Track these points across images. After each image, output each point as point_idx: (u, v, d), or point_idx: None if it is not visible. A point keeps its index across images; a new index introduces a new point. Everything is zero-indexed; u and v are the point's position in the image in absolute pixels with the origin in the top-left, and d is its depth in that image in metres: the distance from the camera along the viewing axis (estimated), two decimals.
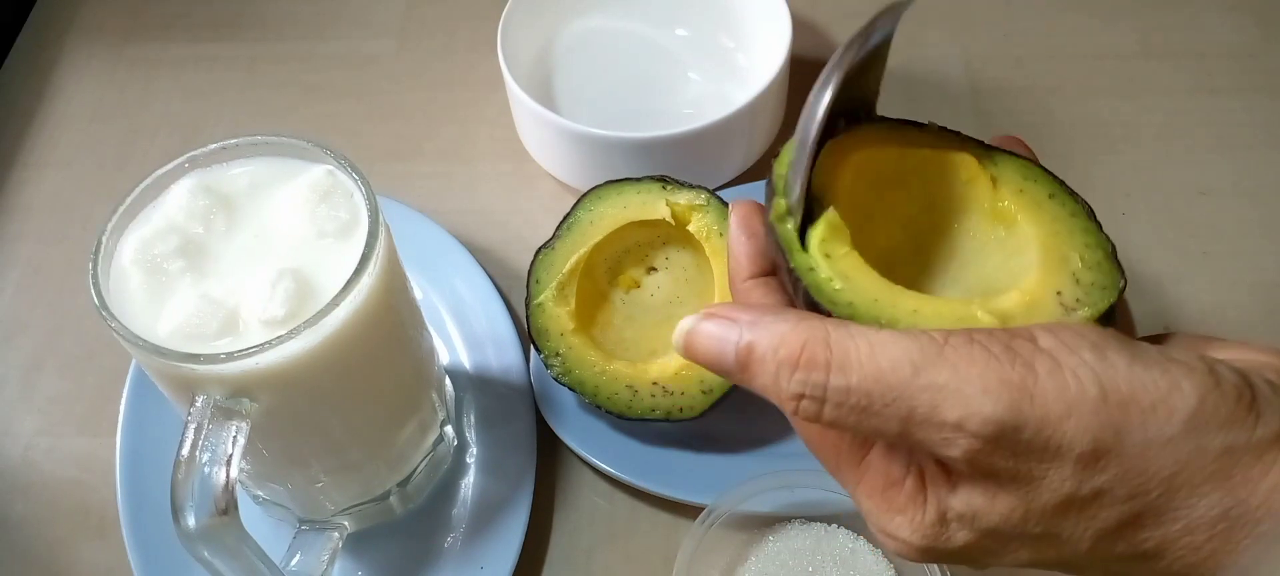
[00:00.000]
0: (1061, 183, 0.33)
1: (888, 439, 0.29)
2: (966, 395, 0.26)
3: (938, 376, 0.26)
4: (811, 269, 0.31)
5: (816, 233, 0.31)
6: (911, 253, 0.35)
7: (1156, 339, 0.31)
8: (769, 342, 0.28)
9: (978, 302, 0.30)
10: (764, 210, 0.33)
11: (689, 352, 0.30)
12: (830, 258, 0.31)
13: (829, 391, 0.27)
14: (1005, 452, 0.26)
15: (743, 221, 0.34)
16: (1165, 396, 0.25)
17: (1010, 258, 0.33)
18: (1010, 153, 0.34)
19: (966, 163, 0.34)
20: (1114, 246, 0.31)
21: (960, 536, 0.28)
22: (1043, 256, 0.31)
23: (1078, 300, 0.30)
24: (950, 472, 0.28)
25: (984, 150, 0.34)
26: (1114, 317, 0.30)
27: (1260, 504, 0.25)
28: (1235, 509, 0.25)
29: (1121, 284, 0.30)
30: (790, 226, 0.32)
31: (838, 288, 0.30)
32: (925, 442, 0.27)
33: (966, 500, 0.28)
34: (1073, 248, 0.31)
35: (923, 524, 0.29)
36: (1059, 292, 0.30)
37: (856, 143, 0.35)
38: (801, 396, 0.28)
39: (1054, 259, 0.31)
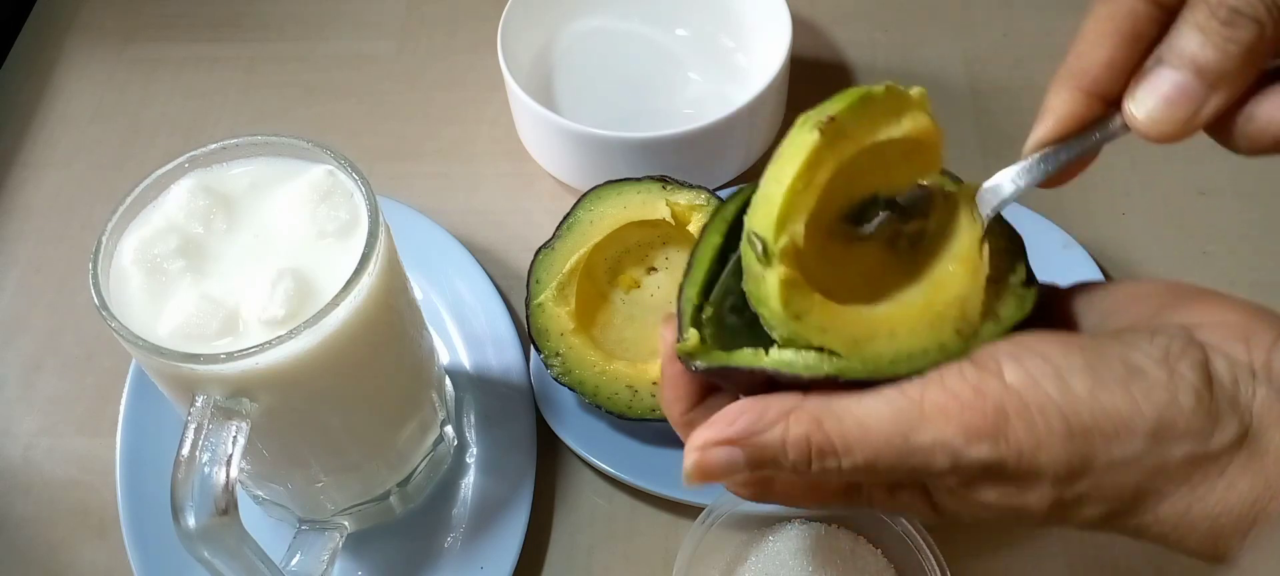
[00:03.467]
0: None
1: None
2: (952, 448, 0.29)
3: (923, 437, 0.29)
4: (788, 363, 0.31)
5: (775, 300, 0.30)
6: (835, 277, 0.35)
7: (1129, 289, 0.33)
8: (773, 447, 0.30)
9: (938, 307, 0.32)
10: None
11: (707, 479, 0.32)
12: (801, 319, 0.30)
13: (843, 470, 0.30)
14: (990, 482, 0.29)
15: (667, 358, 0.34)
16: (1127, 420, 0.28)
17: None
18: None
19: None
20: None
21: (991, 509, 0.31)
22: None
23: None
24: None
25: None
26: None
27: (1217, 501, 0.28)
28: (1196, 506, 0.28)
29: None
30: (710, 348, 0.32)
31: (813, 361, 0.30)
32: (924, 481, 0.31)
33: (973, 502, 0.31)
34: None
35: (933, 510, 0.33)
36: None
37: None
38: (822, 475, 0.31)
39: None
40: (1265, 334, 0.29)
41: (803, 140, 0.30)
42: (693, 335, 0.32)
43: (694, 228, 0.51)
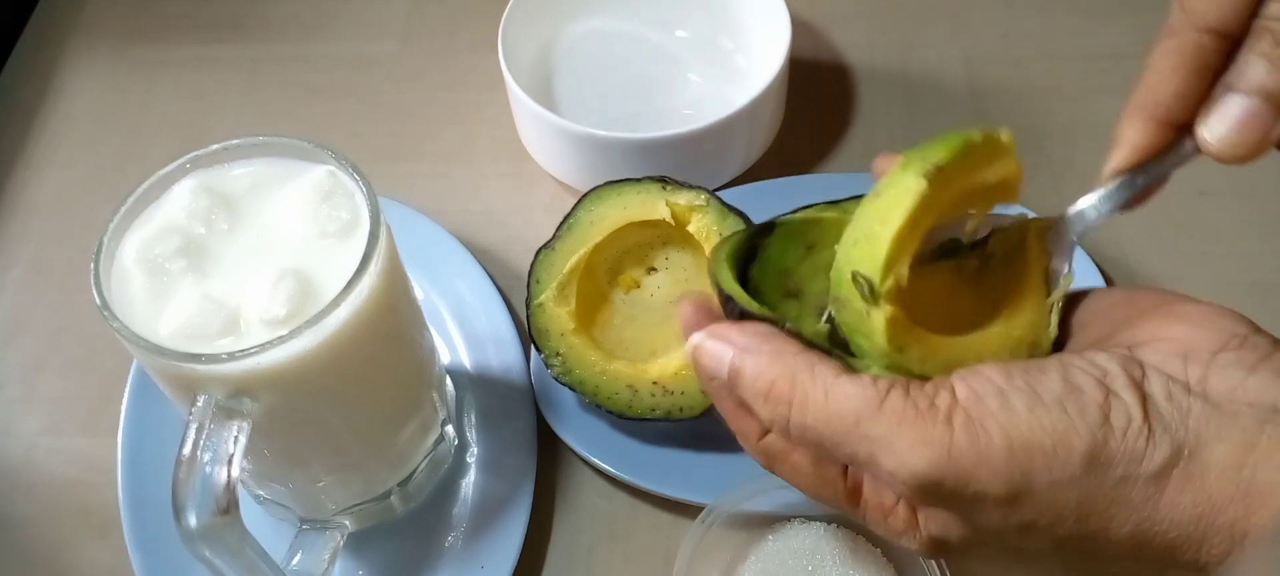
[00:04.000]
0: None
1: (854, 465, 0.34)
2: (896, 449, 0.29)
3: (873, 429, 0.30)
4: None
5: (881, 337, 0.32)
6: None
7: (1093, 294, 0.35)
8: (751, 371, 0.32)
9: (1016, 334, 0.34)
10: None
11: (695, 363, 0.34)
12: (903, 352, 0.32)
13: (790, 425, 0.31)
14: (934, 497, 0.30)
15: (697, 320, 0.35)
16: (1063, 438, 0.29)
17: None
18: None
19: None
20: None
21: (955, 538, 0.32)
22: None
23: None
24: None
25: None
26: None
27: (1163, 519, 0.29)
28: (1145, 526, 0.29)
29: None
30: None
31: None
32: (875, 478, 0.32)
33: (935, 520, 0.32)
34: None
35: (924, 539, 0.33)
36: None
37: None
38: (771, 421, 0.32)
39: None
40: (1206, 346, 0.30)
41: (909, 186, 0.32)
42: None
43: (694, 228, 0.51)
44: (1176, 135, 0.33)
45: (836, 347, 0.33)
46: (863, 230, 0.32)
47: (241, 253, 0.41)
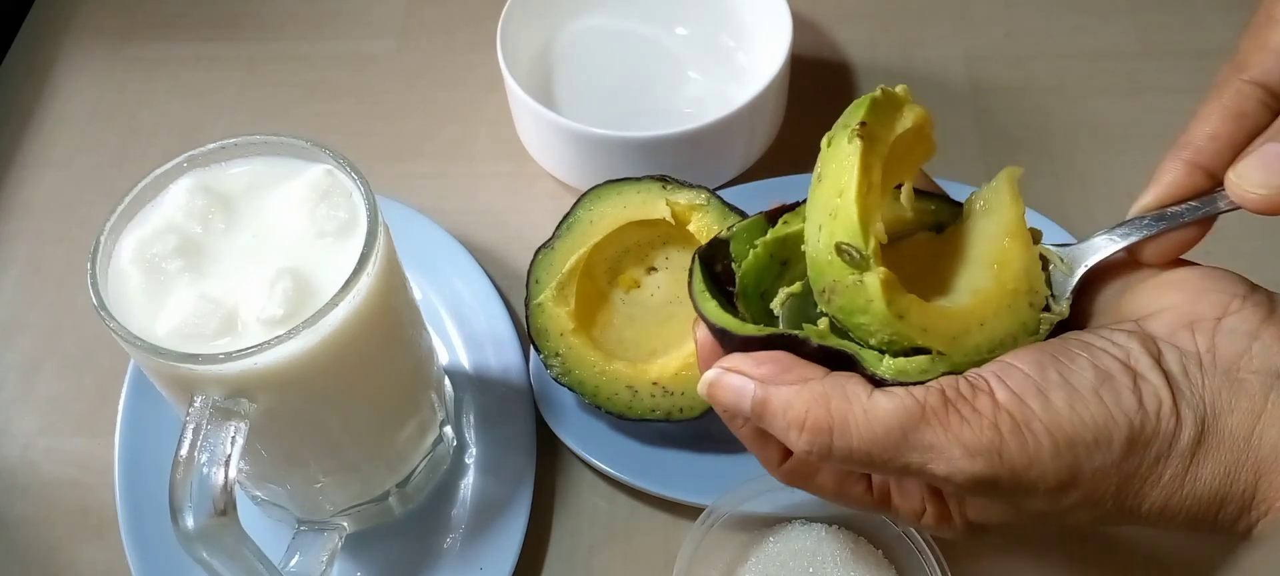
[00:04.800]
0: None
1: (891, 477, 0.35)
2: (949, 456, 0.30)
3: (923, 438, 0.30)
4: (903, 370, 0.32)
5: (880, 301, 0.31)
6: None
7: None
8: (779, 404, 0.32)
9: (1010, 285, 0.34)
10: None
11: (711, 400, 0.34)
12: (903, 318, 0.32)
13: (833, 451, 0.31)
14: (987, 492, 0.31)
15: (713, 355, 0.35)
16: (1104, 429, 0.30)
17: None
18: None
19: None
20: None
21: (996, 521, 0.34)
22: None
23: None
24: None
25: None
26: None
27: (1189, 493, 0.31)
28: (1174, 498, 0.31)
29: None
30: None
31: (926, 365, 0.32)
32: (924, 482, 0.33)
33: (976, 507, 0.34)
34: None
35: (959, 528, 0.35)
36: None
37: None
38: (810, 451, 0.32)
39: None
40: (1208, 313, 0.32)
41: (845, 150, 0.32)
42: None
43: (694, 227, 0.51)
44: (1211, 183, 0.33)
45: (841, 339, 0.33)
46: (824, 211, 0.32)
47: (239, 252, 0.40)
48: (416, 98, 0.69)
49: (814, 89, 0.67)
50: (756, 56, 0.64)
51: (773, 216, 0.37)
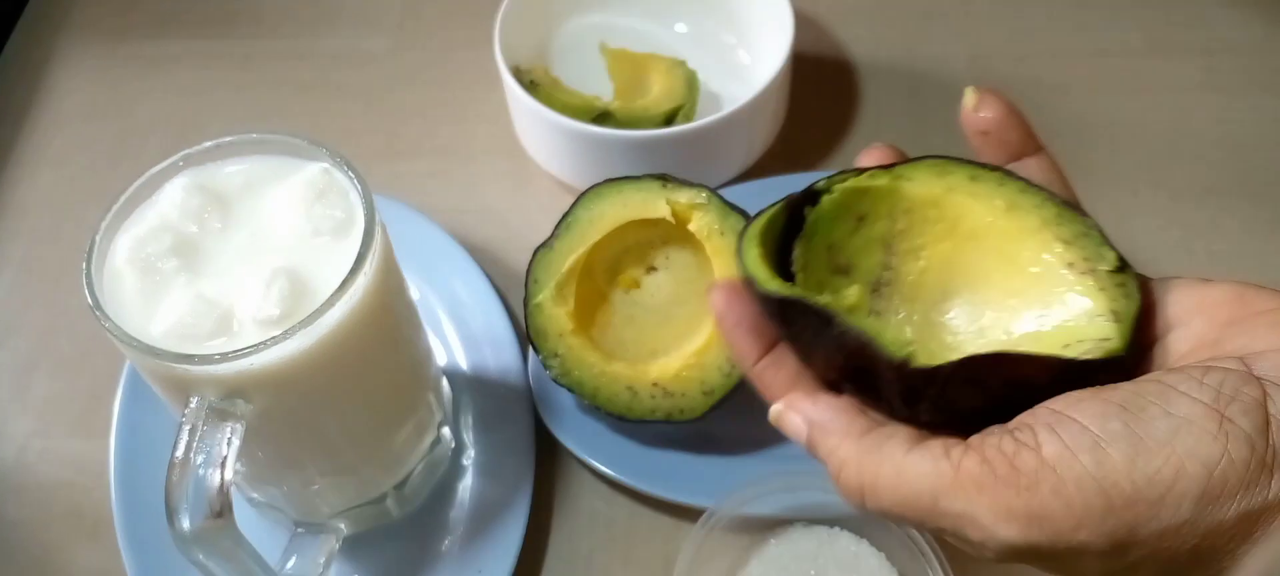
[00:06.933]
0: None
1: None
2: (983, 523, 0.28)
3: (954, 504, 0.29)
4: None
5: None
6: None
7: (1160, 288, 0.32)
8: (824, 453, 0.32)
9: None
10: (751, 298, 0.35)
11: (779, 427, 0.35)
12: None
13: (867, 508, 0.31)
14: (1029, 559, 0.29)
15: (729, 305, 0.35)
16: (1171, 485, 0.27)
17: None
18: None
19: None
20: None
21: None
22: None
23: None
24: None
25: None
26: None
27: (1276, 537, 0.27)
28: (1261, 540, 0.27)
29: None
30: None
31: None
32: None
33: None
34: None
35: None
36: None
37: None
38: (847, 499, 0.32)
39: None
40: None
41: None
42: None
43: (695, 226, 0.50)
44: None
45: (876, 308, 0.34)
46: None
47: (235, 252, 0.40)
48: (414, 96, 0.69)
49: (816, 87, 0.67)
50: (758, 54, 0.64)
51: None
